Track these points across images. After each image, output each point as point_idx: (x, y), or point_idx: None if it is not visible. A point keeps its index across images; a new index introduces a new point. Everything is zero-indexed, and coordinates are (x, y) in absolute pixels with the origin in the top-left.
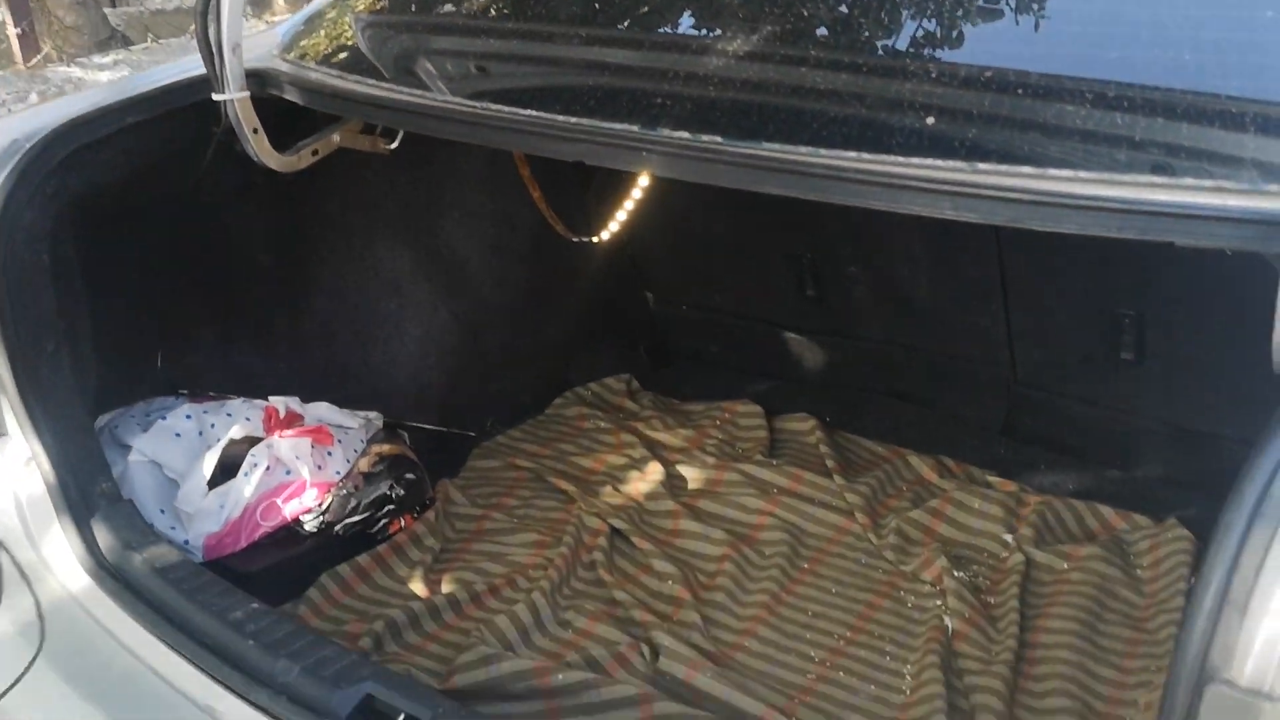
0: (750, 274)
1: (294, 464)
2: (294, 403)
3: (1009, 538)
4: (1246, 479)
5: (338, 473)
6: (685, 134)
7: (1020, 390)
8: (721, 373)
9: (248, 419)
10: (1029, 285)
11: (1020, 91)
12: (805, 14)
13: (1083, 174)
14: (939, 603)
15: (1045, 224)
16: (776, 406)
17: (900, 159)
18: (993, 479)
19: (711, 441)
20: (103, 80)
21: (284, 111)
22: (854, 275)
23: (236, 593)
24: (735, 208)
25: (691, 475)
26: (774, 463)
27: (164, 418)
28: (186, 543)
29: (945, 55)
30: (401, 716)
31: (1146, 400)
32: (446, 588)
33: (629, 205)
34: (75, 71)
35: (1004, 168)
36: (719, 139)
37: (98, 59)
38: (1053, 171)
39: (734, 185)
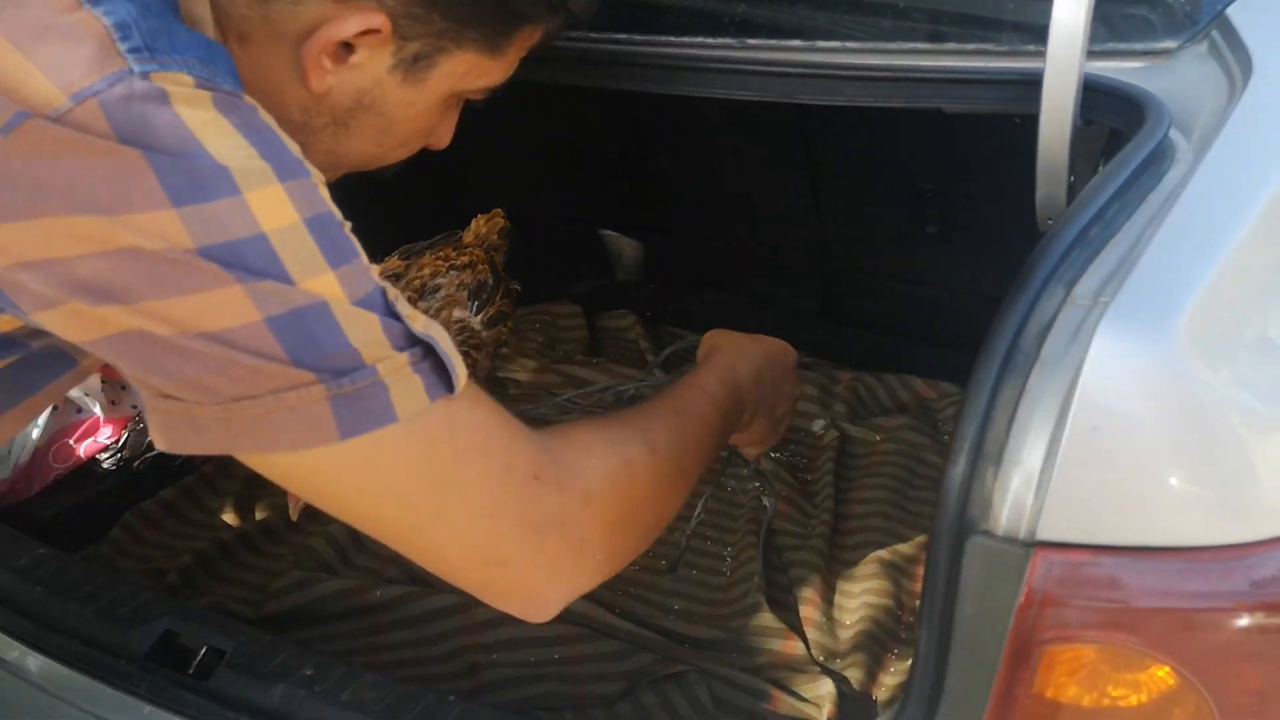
0: (565, 173)
1: (84, 401)
2: None
3: (819, 424)
4: (995, 334)
5: (134, 406)
6: None
7: (834, 273)
8: (541, 275)
9: None
10: (834, 167)
11: None
12: None
13: (850, 44)
14: (758, 485)
15: (818, 96)
16: (597, 305)
17: (670, 39)
18: (807, 360)
19: (532, 344)
20: None
21: None
22: (666, 168)
23: (21, 539)
24: (545, 105)
25: (513, 379)
26: (594, 361)
27: None
28: None
29: None
30: (204, 649)
31: (952, 272)
32: (260, 515)
33: None
34: None
35: (773, 42)
36: None
37: None
38: (821, 44)
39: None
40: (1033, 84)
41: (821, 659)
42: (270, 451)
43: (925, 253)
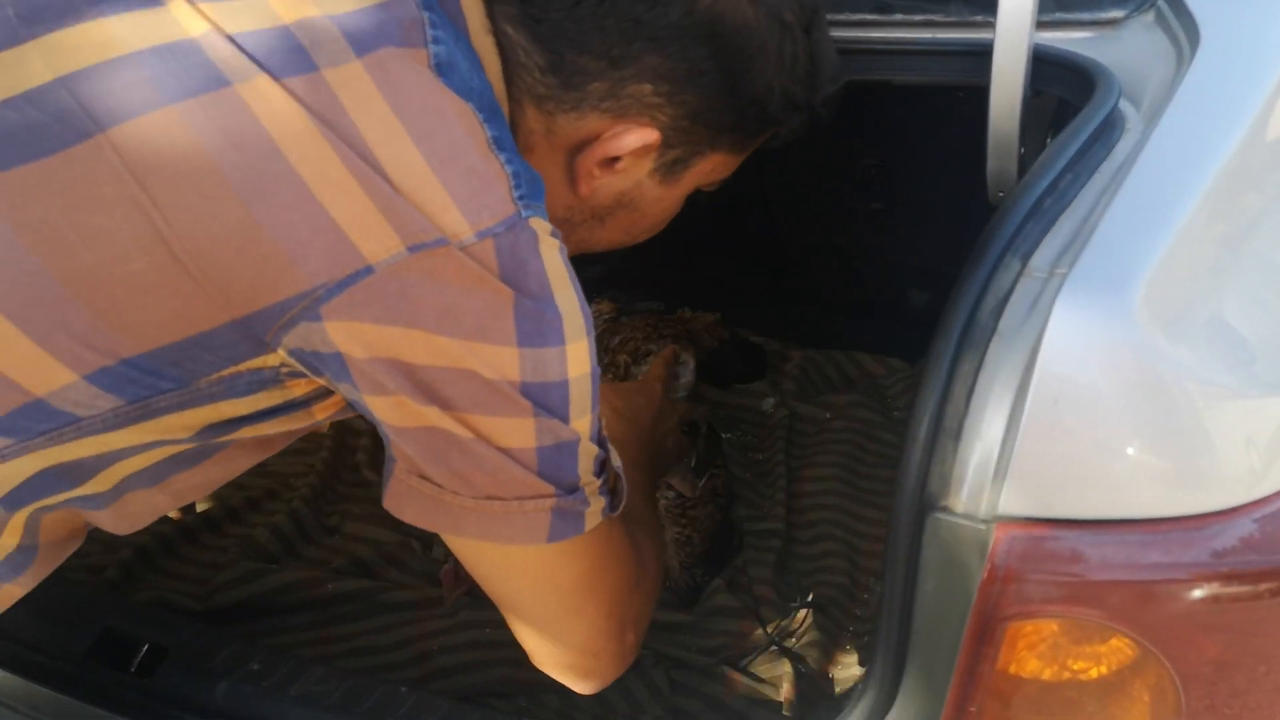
0: None
1: None
2: None
3: (769, 402)
4: (952, 307)
5: None
6: None
7: (782, 251)
8: None
9: None
10: (778, 144)
11: None
12: None
13: None
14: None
15: None
16: None
17: None
18: (756, 339)
19: None
20: None
21: None
22: None
23: None
24: None
25: None
26: None
27: None
28: None
29: None
30: (145, 647)
31: (898, 248)
32: (201, 507)
33: None
34: None
35: None
36: None
37: None
38: None
39: None
40: (982, 55)
41: (778, 638)
42: (490, 541)
43: (870, 229)
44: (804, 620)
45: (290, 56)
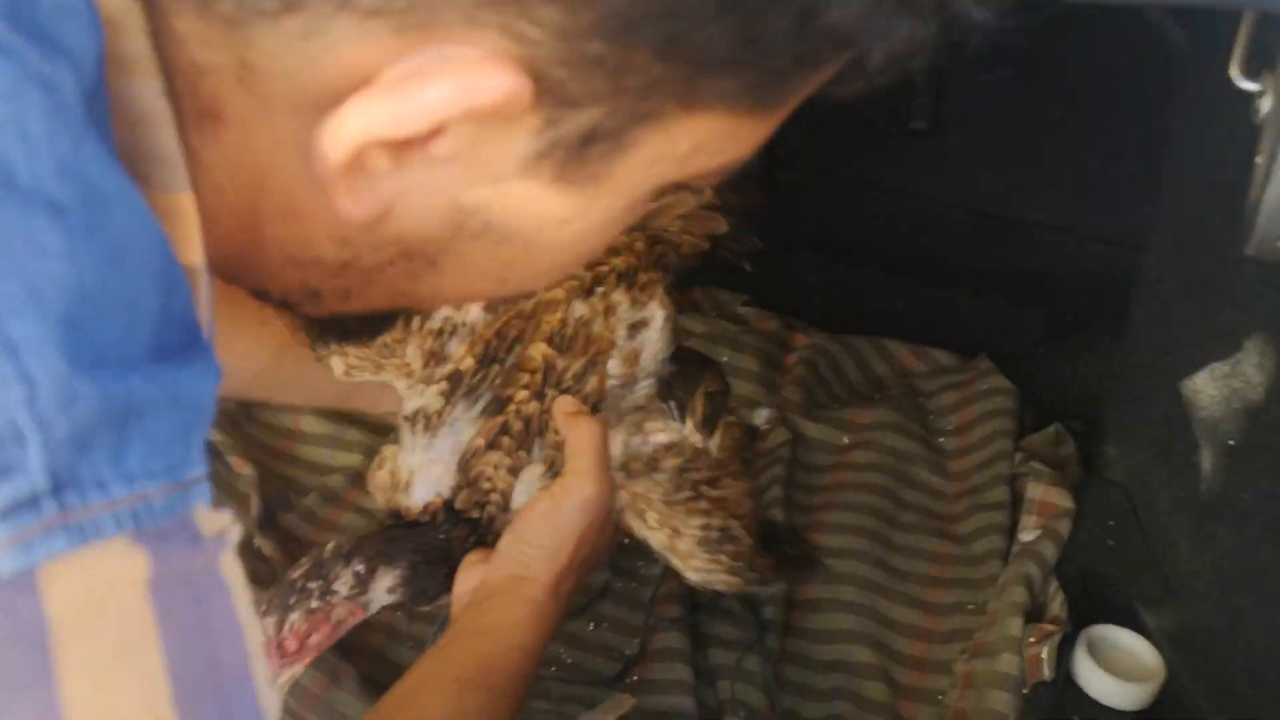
0: None
1: None
2: None
3: (763, 414)
4: None
5: None
6: None
7: (784, 173)
8: None
9: None
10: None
11: None
12: None
13: None
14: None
15: None
16: None
17: None
18: (746, 311)
19: None
20: None
21: None
22: None
23: None
24: None
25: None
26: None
27: None
28: None
29: None
30: None
31: (941, 180)
32: None
33: None
34: None
35: None
36: None
37: None
38: None
39: None
40: None
41: None
42: None
43: (907, 152)
44: None
45: None
